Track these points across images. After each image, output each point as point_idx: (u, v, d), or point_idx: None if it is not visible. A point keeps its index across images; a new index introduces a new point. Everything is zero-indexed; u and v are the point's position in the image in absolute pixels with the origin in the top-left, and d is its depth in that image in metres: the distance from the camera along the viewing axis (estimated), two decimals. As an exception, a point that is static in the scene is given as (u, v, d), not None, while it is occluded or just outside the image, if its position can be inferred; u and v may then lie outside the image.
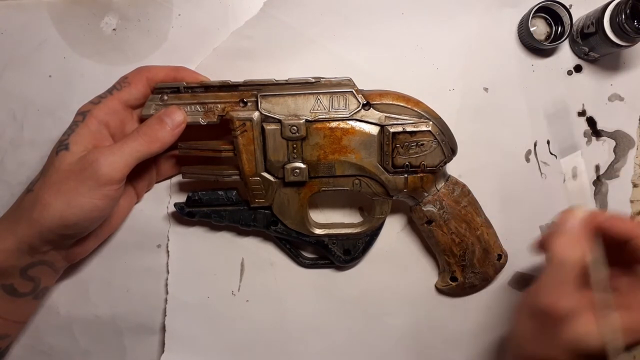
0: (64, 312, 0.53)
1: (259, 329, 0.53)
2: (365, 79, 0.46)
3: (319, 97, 0.46)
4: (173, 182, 0.52)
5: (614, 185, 0.53)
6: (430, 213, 0.48)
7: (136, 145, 0.43)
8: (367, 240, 0.51)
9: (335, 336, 0.54)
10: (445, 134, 0.46)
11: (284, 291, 0.53)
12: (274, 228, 0.50)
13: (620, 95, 0.52)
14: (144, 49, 0.52)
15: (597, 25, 0.47)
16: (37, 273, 0.45)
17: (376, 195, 0.48)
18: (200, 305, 0.53)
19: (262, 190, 0.48)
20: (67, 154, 0.42)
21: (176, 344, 0.52)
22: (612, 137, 0.53)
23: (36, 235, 0.42)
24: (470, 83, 0.52)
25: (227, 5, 0.52)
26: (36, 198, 0.42)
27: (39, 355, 0.53)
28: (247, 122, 0.46)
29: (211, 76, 0.49)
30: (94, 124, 0.44)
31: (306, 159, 0.47)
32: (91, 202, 0.42)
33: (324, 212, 0.54)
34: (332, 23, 0.52)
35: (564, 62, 0.52)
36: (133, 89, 0.46)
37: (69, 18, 0.51)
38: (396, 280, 0.53)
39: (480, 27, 0.52)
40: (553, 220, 0.41)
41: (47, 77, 0.52)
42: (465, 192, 0.49)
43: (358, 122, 0.46)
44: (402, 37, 0.52)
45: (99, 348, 0.53)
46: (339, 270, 0.53)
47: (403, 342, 0.54)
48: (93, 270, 0.53)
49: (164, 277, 0.53)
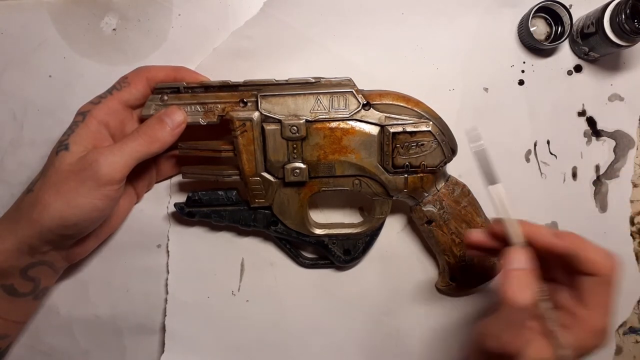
0: (64, 312, 0.53)
1: (259, 329, 0.53)
2: (365, 79, 0.46)
3: (319, 97, 0.46)
4: (173, 182, 0.52)
5: (614, 185, 0.53)
6: (430, 213, 0.48)
7: (136, 146, 0.43)
8: (367, 241, 0.51)
9: (335, 336, 0.54)
10: (445, 134, 0.46)
11: (284, 291, 0.53)
12: (274, 228, 0.50)
13: (620, 95, 0.52)
14: (144, 49, 0.52)
15: (597, 25, 0.47)
16: (37, 273, 0.45)
17: (376, 196, 0.48)
18: (200, 305, 0.53)
19: (262, 191, 0.48)
20: (67, 154, 0.42)
21: (176, 344, 0.52)
22: (612, 137, 0.53)
23: (36, 235, 0.42)
24: (470, 83, 0.52)
25: (227, 5, 0.52)
26: (36, 198, 0.42)
27: (39, 355, 0.53)
28: (247, 122, 0.46)
29: (211, 76, 0.49)
30: (93, 124, 0.44)
31: (306, 159, 0.47)
32: (91, 203, 0.42)
33: (324, 212, 0.54)
34: (332, 23, 0.52)
35: (564, 62, 0.52)
36: (133, 89, 0.46)
37: (69, 18, 0.51)
38: (396, 280, 0.53)
39: (480, 27, 0.52)
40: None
41: (47, 77, 0.52)
42: (466, 192, 0.49)
43: (358, 122, 0.46)
44: (402, 37, 0.52)
45: (99, 348, 0.53)
46: (339, 270, 0.53)
47: (403, 342, 0.54)
48: (93, 270, 0.53)
49: (164, 277, 0.53)
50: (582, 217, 0.53)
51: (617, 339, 0.54)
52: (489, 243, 0.41)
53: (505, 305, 0.36)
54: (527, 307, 0.36)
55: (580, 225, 0.53)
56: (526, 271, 0.37)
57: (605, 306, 0.37)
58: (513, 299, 0.36)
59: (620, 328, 0.54)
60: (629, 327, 0.54)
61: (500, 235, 0.40)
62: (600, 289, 0.37)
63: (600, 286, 0.37)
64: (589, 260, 0.37)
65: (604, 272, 0.37)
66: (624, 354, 0.54)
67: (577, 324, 0.37)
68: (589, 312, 0.37)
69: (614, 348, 0.54)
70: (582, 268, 0.37)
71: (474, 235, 0.42)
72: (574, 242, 0.38)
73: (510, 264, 0.37)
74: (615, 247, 0.52)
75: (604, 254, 0.37)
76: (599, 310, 0.37)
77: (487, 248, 0.42)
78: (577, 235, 0.39)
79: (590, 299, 0.37)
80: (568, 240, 0.38)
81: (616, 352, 0.54)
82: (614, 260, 0.37)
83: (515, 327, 0.36)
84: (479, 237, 0.41)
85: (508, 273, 0.37)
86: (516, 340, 0.36)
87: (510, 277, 0.37)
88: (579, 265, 0.37)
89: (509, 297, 0.36)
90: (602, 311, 0.37)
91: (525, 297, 0.36)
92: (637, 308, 0.54)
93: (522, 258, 0.38)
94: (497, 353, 0.36)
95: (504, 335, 0.36)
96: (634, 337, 0.55)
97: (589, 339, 0.37)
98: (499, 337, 0.36)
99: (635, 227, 0.54)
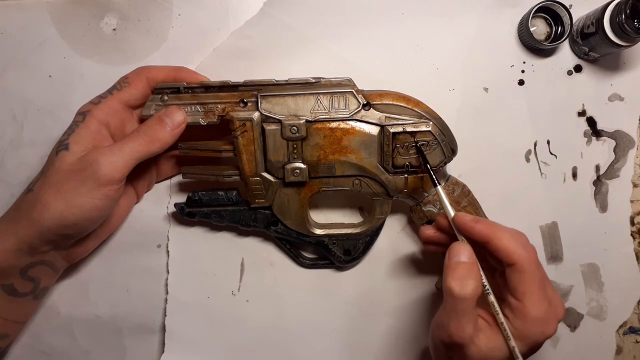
0: (64, 312, 0.53)
1: (259, 329, 0.53)
2: (365, 79, 0.46)
3: (319, 97, 0.46)
4: (173, 182, 0.52)
5: (614, 185, 0.53)
6: (431, 213, 0.48)
7: (136, 146, 0.43)
8: (367, 241, 0.51)
9: (335, 336, 0.54)
10: (445, 134, 0.46)
11: (284, 291, 0.53)
12: (274, 228, 0.50)
13: (620, 95, 0.52)
14: (144, 49, 0.52)
15: (597, 25, 0.47)
16: (37, 273, 0.45)
17: (376, 196, 0.48)
18: (200, 305, 0.53)
19: (262, 191, 0.48)
20: (67, 154, 0.42)
21: (176, 344, 0.52)
22: (612, 137, 0.53)
23: (36, 235, 0.42)
24: (470, 83, 0.52)
25: (227, 5, 0.52)
26: (36, 198, 0.42)
27: (39, 355, 0.53)
28: (247, 122, 0.46)
29: (211, 76, 0.49)
30: (94, 124, 0.44)
31: (306, 159, 0.47)
32: (91, 202, 0.42)
33: (324, 212, 0.54)
34: (332, 23, 0.52)
35: (564, 62, 0.52)
36: (133, 89, 0.46)
37: (69, 18, 0.51)
38: (396, 280, 0.53)
39: (480, 27, 0.52)
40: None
41: (47, 77, 0.52)
42: (466, 192, 0.49)
43: (358, 123, 0.46)
44: (402, 37, 0.52)
45: (99, 348, 0.53)
46: (339, 270, 0.53)
47: (403, 342, 0.54)
48: (93, 270, 0.53)
49: (164, 277, 0.53)
50: (582, 217, 0.53)
51: (617, 339, 0.54)
52: (440, 238, 0.44)
53: (450, 296, 0.37)
54: (469, 297, 0.37)
55: (580, 225, 0.53)
56: (468, 264, 0.38)
57: (533, 295, 0.38)
58: (456, 290, 0.37)
59: (620, 328, 0.54)
60: (629, 327, 0.54)
61: (447, 230, 0.43)
62: (522, 278, 0.38)
63: (521, 275, 0.38)
64: (500, 249, 0.38)
65: (517, 261, 0.38)
66: (624, 354, 0.54)
67: (515, 315, 0.38)
68: (521, 303, 0.38)
69: (614, 348, 0.54)
70: (498, 256, 0.39)
71: (426, 230, 0.45)
72: (489, 229, 0.39)
73: (453, 258, 0.39)
74: (615, 247, 0.53)
75: (516, 242, 0.38)
76: (530, 299, 0.38)
77: (440, 243, 0.44)
78: (493, 222, 0.40)
79: (518, 289, 0.38)
80: (483, 226, 0.39)
81: (616, 352, 0.54)
82: (527, 249, 0.38)
83: (460, 317, 0.37)
84: (430, 232, 0.45)
85: (450, 266, 0.38)
86: (463, 330, 0.37)
87: (453, 270, 0.38)
88: (494, 253, 0.39)
89: (452, 288, 0.37)
90: (533, 300, 0.38)
91: (467, 289, 0.37)
92: (637, 308, 0.54)
93: (465, 252, 0.39)
94: (447, 343, 0.38)
95: (451, 326, 0.37)
96: (634, 337, 0.55)
97: (531, 328, 0.38)
98: (447, 327, 0.38)
99: (635, 227, 0.54)
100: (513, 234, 0.39)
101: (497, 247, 0.38)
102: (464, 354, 0.38)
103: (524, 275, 0.38)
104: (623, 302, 0.54)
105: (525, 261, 0.38)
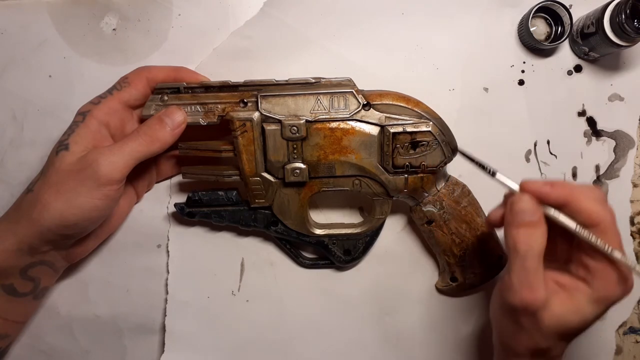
0: (64, 312, 0.53)
1: (259, 329, 0.53)
2: (365, 79, 0.46)
3: (319, 97, 0.46)
4: (173, 182, 0.52)
5: (614, 185, 0.53)
6: (431, 213, 0.48)
7: (136, 146, 0.43)
8: (367, 241, 0.51)
9: (335, 336, 0.54)
10: (445, 134, 0.46)
11: (284, 291, 0.53)
12: (274, 228, 0.50)
13: (620, 95, 0.52)
14: (144, 49, 0.52)
15: (597, 25, 0.47)
16: (37, 273, 0.45)
17: (376, 196, 0.48)
18: (200, 305, 0.53)
19: (262, 191, 0.48)
20: (67, 154, 0.42)
21: (176, 344, 0.52)
22: (612, 137, 0.53)
23: (36, 235, 0.42)
24: (470, 83, 0.52)
25: (227, 5, 0.52)
26: (36, 198, 0.42)
27: (39, 355, 0.53)
28: (247, 122, 0.46)
29: (211, 76, 0.49)
30: (94, 124, 0.44)
31: (306, 159, 0.47)
32: (91, 202, 0.42)
33: (324, 212, 0.54)
34: (332, 23, 0.52)
35: (564, 62, 0.52)
36: (133, 89, 0.46)
37: (69, 18, 0.51)
38: (396, 280, 0.53)
39: (480, 27, 0.52)
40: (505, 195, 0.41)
41: (47, 77, 0.52)
42: (466, 193, 0.49)
43: (358, 123, 0.46)
44: (402, 37, 0.52)
45: (99, 348, 0.53)
46: (339, 270, 0.53)
47: (403, 342, 0.54)
48: (93, 270, 0.53)
49: (164, 277, 0.53)
50: (582, 217, 0.53)
51: (617, 338, 0.54)
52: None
53: (519, 256, 0.35)
54: (539, 253, 0.35)
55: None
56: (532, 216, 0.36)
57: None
58: (524, 246, 0.35)
59: (620, 328, 0.54)
60: (629, 327, 0.54)
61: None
62: (606, 238, 0.36)
63: (604, 235, 0.36)
64: (582, 211, 0.36)
65: (601, 222, 0.36)
66: (624, 354, 0.54)
67: (595, 276, 0.36)
68: (602, 264, 0.36)
69: (614, 348, 0.54)
70: (578, 219, 0.36)
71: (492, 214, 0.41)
72: (567, 191, 0.37)
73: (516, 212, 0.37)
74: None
75: (596, 202, 0.36)
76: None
77: None
78: (564, 182, 0.38)
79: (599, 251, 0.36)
80: (560, 189, 0.37)
81: (616, 352, 0.54)
82: (607, 207, 0.37)
83: (532, 277, 0.35)
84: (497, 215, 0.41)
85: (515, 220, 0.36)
86: (536, 292, 0.35)
87: (518, 225, 0.36)
88: (574, 215, 0.37)
89: (520, 245, 0.35)
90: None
91: (536, 244, 0.35)
92: (637, 308, 0.54)
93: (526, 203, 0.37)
94: (520, 307, 0.36)
95: (523, 288, 0.35)
96: (634, 337, 0.55)
97: (614, 289, 0.36)
98: (518, 290, 0.35)
99: (635, 227, 0.54)
100: (590, 192, 0.37)
101: (578, 209, 0.36)
102: (536, 320, 0.36)
103: (606, 235, 0.36)
104: (623, 301, 0.53)
105: (608, 221, 0.36)
